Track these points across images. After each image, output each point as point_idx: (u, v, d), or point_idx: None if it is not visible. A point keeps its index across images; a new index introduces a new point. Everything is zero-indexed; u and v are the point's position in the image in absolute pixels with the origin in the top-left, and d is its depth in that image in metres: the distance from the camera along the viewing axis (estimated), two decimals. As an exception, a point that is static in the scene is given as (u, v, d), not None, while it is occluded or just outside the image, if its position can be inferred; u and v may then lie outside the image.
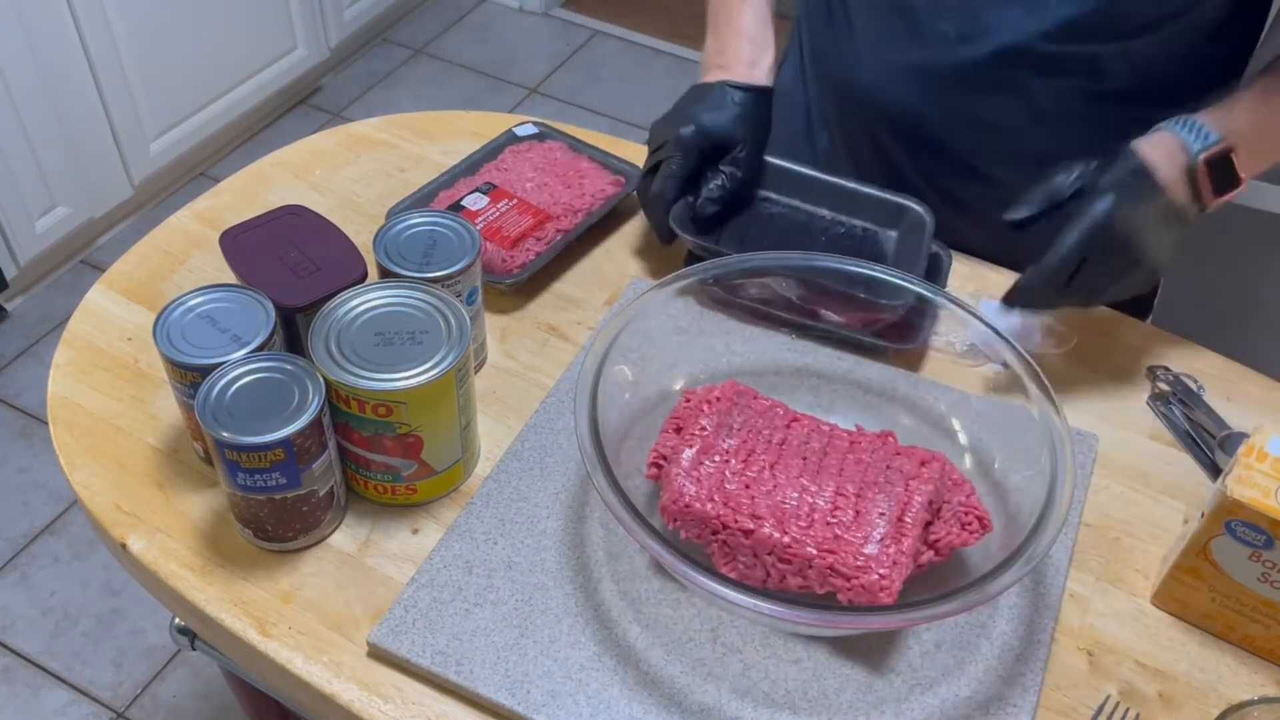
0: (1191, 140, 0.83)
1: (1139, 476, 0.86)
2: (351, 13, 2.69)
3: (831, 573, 0.70)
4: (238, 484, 0.73)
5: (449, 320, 0.77)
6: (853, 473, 0.75)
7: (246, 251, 0.82)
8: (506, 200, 0.99)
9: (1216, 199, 0.84)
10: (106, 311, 0.96)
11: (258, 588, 0.77)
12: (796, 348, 0.90)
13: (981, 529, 0.74)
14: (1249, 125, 0.84)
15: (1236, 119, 0.84)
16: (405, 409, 0.74)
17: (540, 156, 1.06)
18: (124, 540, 0.79)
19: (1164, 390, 0.92)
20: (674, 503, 0.73)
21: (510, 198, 1.00)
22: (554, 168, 1.05)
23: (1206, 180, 0.83)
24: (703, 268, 0.84)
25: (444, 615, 0.74)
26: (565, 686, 0.71)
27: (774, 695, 0.71)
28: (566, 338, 0.95)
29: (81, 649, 1.71)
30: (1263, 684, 0.75)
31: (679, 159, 0.95)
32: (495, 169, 1.05)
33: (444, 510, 0.82)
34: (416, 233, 0.85)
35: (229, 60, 2.38)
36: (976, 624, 0.75)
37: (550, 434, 0.85)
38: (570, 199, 1.01)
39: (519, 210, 0.99)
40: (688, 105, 0.98)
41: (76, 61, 2.04)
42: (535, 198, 1.01)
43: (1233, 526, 0.71)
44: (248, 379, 0.73)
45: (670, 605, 0.76)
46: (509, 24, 2.98)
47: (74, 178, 2.12)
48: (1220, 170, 0.83)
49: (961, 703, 0.71)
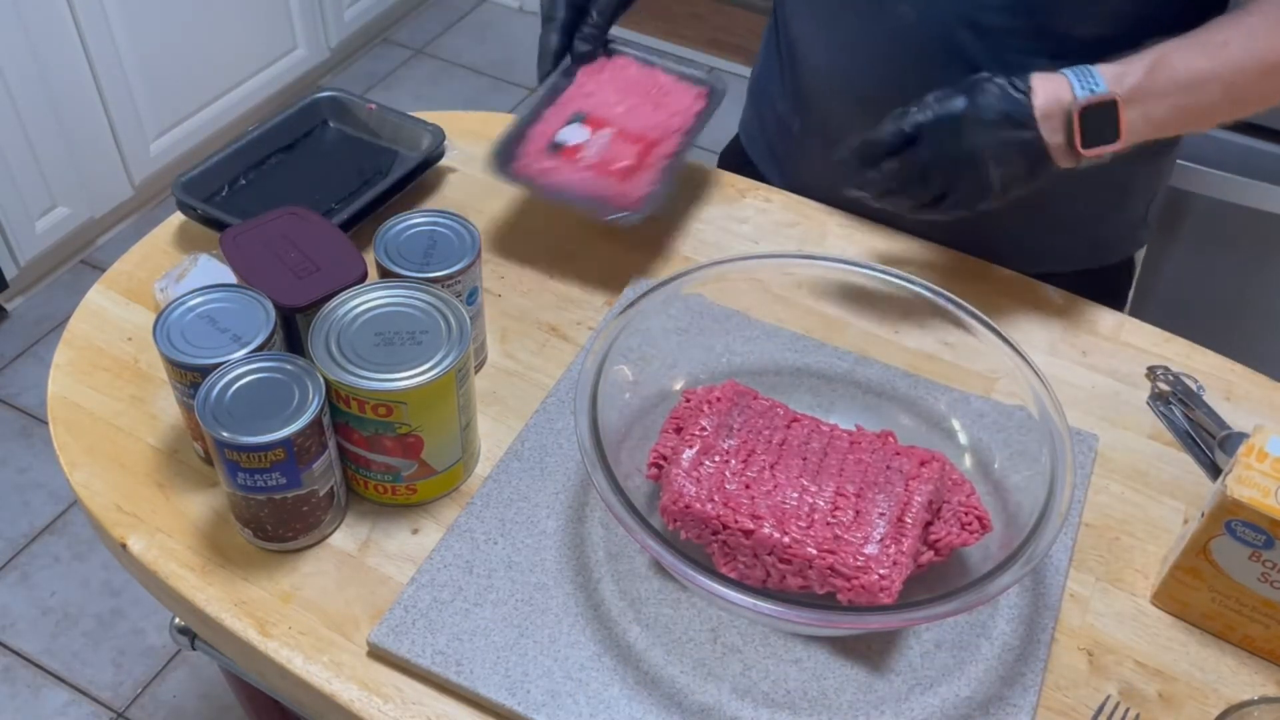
0: (1078, 85, 0.83)
1: (1139, 476, 0.86)
2: (351, 13, 2.69)
3: (832, 573, 0.70)
4: (238, 484, 0.73)
5: (449, 320, 0.77)
6: (853, 473, 0.75)
7: (247, 251, 0.82)
8: (606, 129, 0.95)
9: (1088, 150, 0.84)
10: (106, 311, 0.96)
11: (258, 588, 0.77)
12: (796, 348, 0.90)
13: (981, 529, 0.74)
14: (1144, 83, 0.84)
15: (1133, 74, 0.84)
16: (405, 409, 0.74)
17: (617, 76, 1.03)
18: (124, 540, 0.79)
19: (1164, 390, 0.92)
20: (674, 503, 0.73)
21: (607, 125, 0.96)
22: (635, 87, 1.01)
23: (1078, 127, 0.83)
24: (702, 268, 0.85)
25: (444, 615, 0.74)
26: (565, 686, 0.71)
27: (774, 695, 0.71)
28: (567, 338, 0.95)
29: (81, 649, 1.71)
30: (1263, 684, 0.75)
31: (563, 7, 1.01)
32: (578, 95, 1.01)
33: (444, 510, 0.82)
34: (416, 232, 0.85)
35: (229, 60, 2.38)
36: (976, 624, 0.75)
37: (550, 434, 0.85)
38: (663, 119, 0.98)
39: (622, 139, 0.94)
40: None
41: (76, 61, 2.04)
42: (631, 123, 0.96)
43: (1233, 526, 0.71)
44: (248, 379, 0.73)
45: (670, 605, 0.76)
46: (509, 24, 2.98)
47: (74, 178, 2.12)
48: (1096, 120, 0.83)
49: (962, 702, 0.71)
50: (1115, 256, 1.12)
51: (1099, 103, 0.83)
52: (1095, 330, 0.97)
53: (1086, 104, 0.83)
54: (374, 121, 1.10)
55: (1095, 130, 0.83)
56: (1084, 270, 1.06)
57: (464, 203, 1.07)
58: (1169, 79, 0.84)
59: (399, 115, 1.10)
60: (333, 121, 1.12)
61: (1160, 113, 0.85)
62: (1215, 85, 0.84)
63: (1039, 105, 0.84)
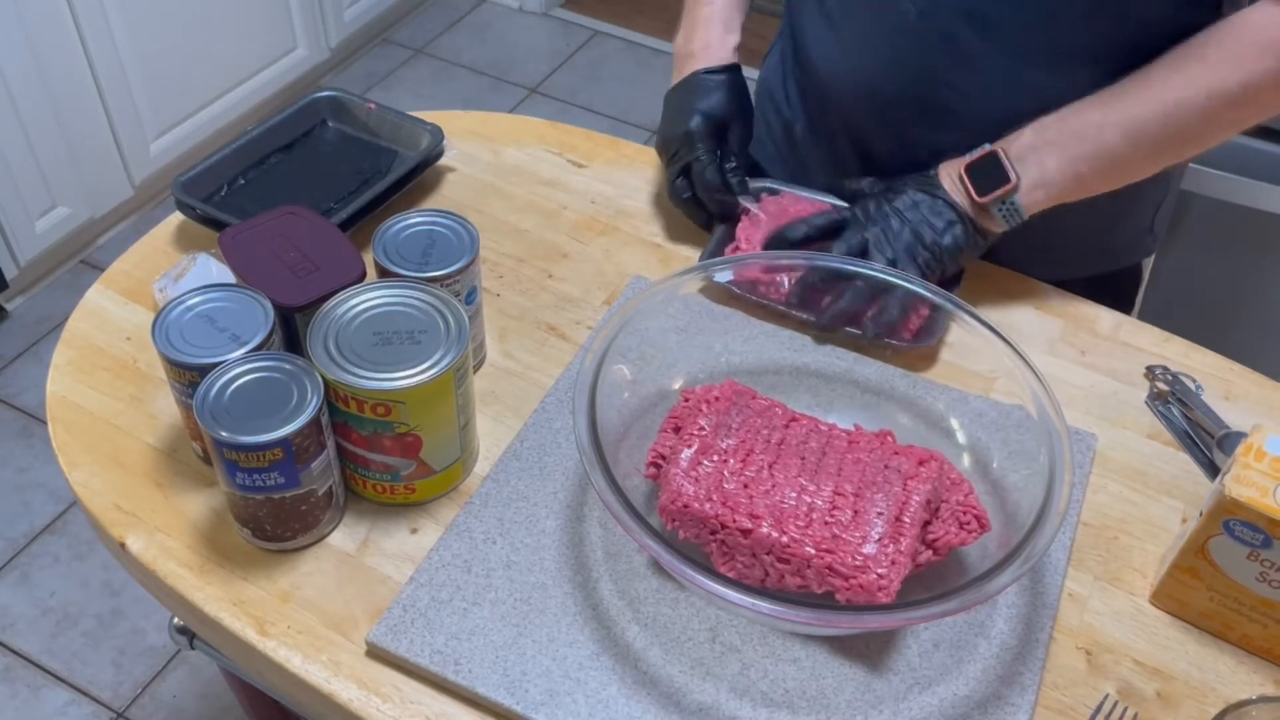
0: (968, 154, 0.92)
1: (1137, 476, 0.86)
2: (351, 13, 2.69)
3: (830, 572, 0.70)
4: (236, 484, 0.73)
5: (448, 320, 0.77)
6: (851, 472, 0.75)
7: (245, 251, 0.83)
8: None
9: (983, 197, 0.91)
10: (106, 311, 0.96)
11: (256, 587, 0.77)
12: (795, 347, 0.90)
13: (980, 528, 0.74)
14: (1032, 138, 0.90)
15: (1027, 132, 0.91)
16: (404, 409, 0.74)
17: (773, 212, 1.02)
18: (123, 540, 0.79)
19: (1162, 389, 0.92)
20: (672, 502, 0.73)
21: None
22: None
23: (967, 181, 0.91)
24: (702, 267, 0.85)
25: (442, 614, 0.74)
26: (564, 685, 0.71)
27: (772, 694, 0.71)
28: (565, 337, 0.95)
29: (81, 649, 1.71)
30: (1261, 683, 0.75)
31: (702, 148, 1.00)
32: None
33: (443, 510, 0.82)
34: (415, 232, 0.85)
35: (229, 60, 2.38)
36: (975, 623, 0.75)
37: (549, 433, 0.85)
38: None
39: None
40: (681, 104, 1.03)
41: (76, 61, 2.04)
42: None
43: (1231, 526, 0.71)
44: (246, 379, 0.73)
45: (669, 604, 0.76)
46: (509, 24, 2.98)
47: (74, 178, 2.12)
48: (981, 171, 0.91)
49: (960, 702, 0.71)
50: (1121, 265, 1.12)
51: (981, 156, 0.91)
52: (1094, 330, 0.97)
53: (969, 161, 0.92)
54: (373, 121, 1.11)
55: (983, 179, 0.91)
56: (1090, 278, 1.06)
57: (463, 202, 1.07)
58: (1060, 129, 0.90)
59: (398, 115, 1.10)
60: (332, 121, 1.12)
61: (1056, 162, 0.90)
62: (1112, 131, 0.88)
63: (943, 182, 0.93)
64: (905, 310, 0.89)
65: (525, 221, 1.05)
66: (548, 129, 1.16)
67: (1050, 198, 0.91)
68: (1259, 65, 0.84)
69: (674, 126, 1.02)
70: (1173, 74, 0.86)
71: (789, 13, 1.10)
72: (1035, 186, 0.90)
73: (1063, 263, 1.04)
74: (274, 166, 1.07)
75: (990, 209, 0.91)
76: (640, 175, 1.11)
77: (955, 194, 0.93)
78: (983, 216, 0.92)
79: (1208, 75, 0.85)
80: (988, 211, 0.91)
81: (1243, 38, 0.84)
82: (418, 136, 1.08)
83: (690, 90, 1.03)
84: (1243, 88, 0.85)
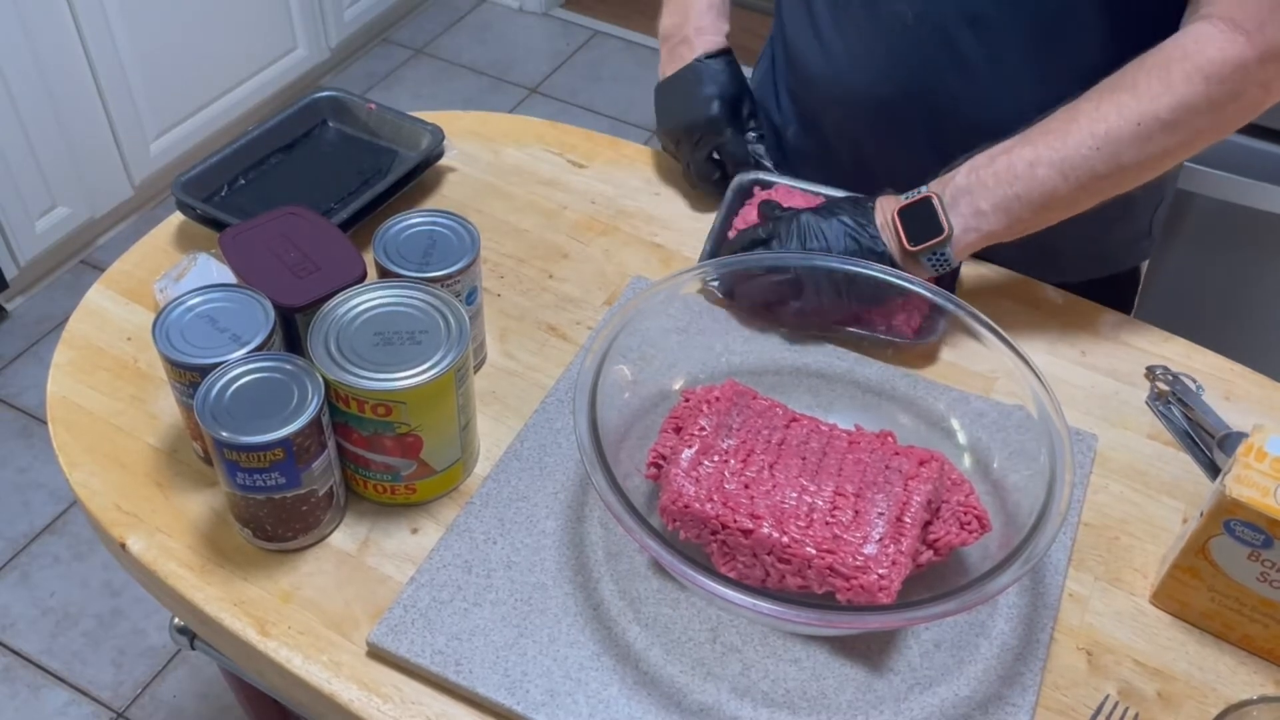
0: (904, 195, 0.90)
1: (1138, 476, 0.86)
2: (351, 13, 2.69)
3: (830, 573, 0.70)
4: (237, 484, 0.73)
5: (448, 320, 0.77)
6: (852, 473, 0.75)
7: (246, 251, 0.82)
8: None
9: (914, 246, 0.89)
10: (106, 311, 0.96)
11: (257, 587, 0.77)
12: (795, 347, 0.90)
13: (980, 529, 0.74)
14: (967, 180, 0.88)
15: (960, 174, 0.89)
16: (404, 409, 0.74)
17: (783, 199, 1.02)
18: (123, 540, 0.79)
19: (1163, 390, 0.92)
20: (673, 503, 0.73)
21: None
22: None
23: (899, 227, 0.89)
24: (701, 267, 0.85)
25: (443, 615, 0.74)
26: (564, 686, 0.71)
27: (773, 695, 0.71)
28: (566, 337, 0.95)
29: (81, 649, 1.71)
30: (1262, 683, 0.75)
31: (730, 130, 1.04)
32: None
33: (443, 510, 0.82)
34: (416, 232, 0.85)
35: (229, 60, 2.38)
36: (976, 623, 0.75)
37: (550, 434, 0.85)
38: None
39: None
40: (691, 92, 1.04)
41: (76, 61, 2.04)
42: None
43: (1232, 526, 0.71)
44: (247, 379, 0.73)
45: (669, 605, 0.76)
46: (509, 24, 2.98)
47: (74, 178, 2.12)
48: (915, 218, 0.89)
49: (961, 702, 0.71)
50: (1119, 268, 1.12)
51: (915, 201, 0.89)
52: (1094, 330, 0.97)
53: (902, 205, 0.89)
54: (373, 121, 1.11)
55: (916, 227, 0.89)
56: (1088, 281, 1.06)
57: (463, 202, 1.07)
58: (994, 171, 0.87)
59: (398, 115, 1.10)
60: (332, 121, 1.12)
61: (990, 202, 0.87)
62: (1044, 169, 0.85)
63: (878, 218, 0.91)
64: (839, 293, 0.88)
65: (525, 222, 1.05)
66: (548, 129, 1.16)
67: (982, 239, 0.89)
68: (1188, 89, 0.82)
69: (691, 113, 1.04)
70: (1102, 104, 0.84)
71: (779, 15, 1.10)
72: (967, 230, 0.88)
73: (1060, 268, 1.04)
74: (274, 167, 1.07)
75: (919, 257, 0.89)
76: (640, 175, 1.11)
77: (885, 233, 0.90)
78: (909, 262, 0.90)
79: (1137, 103, 0.83)
80: (916, 260, 0.89)
81: (1170, 62, 0.83)
82: (418, 137, 1.08)
83: (697, 76, 1.04)
84: (1173, 111, 0.82)
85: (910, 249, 0.89)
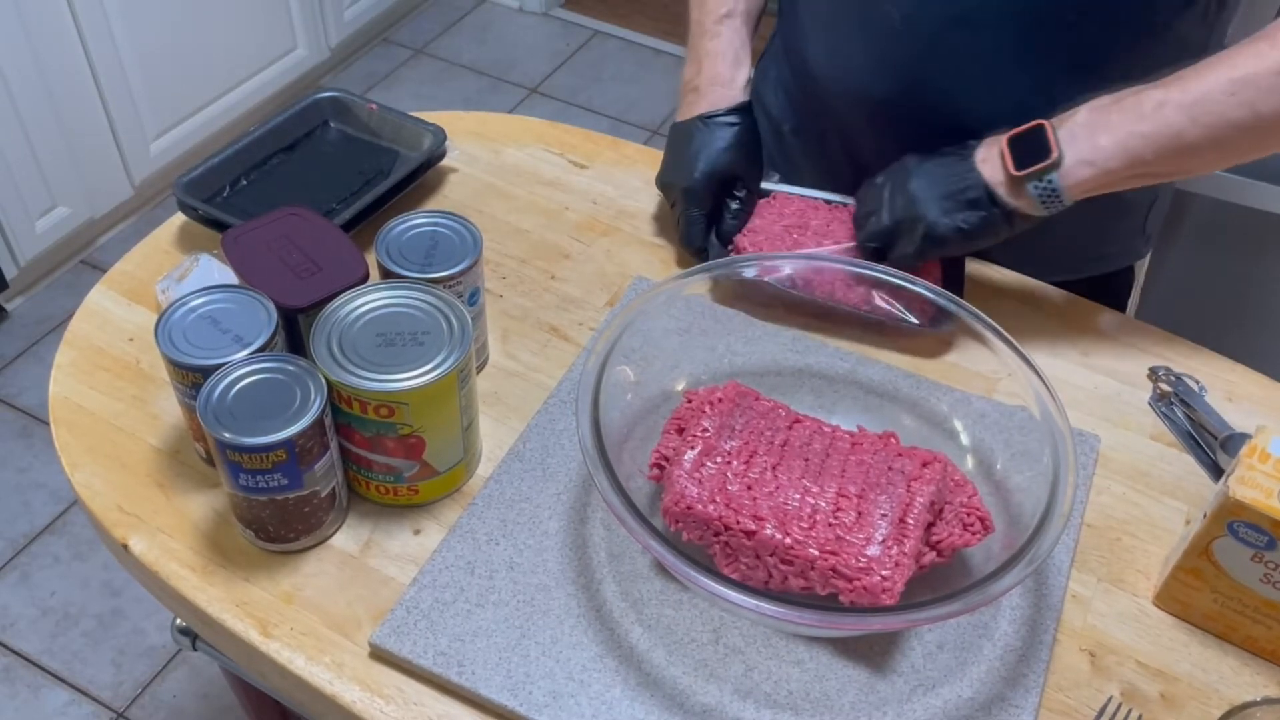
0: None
1: (1141, 477, 0.86)
2: (351, 13, 2.69)
3: (834, 574, 0.70)
4: (239, 485, 0.73)
5: (451, 321, 0.76)
6: (855, 474, 0.75)
7: (248, 252, 0.82)
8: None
9: (1020, 170, 0.85)
10: (108, 312, 0.96)
11: (259, 588, 0.77)
12: (798, 348, 0.90)
13: (983, 530, 0.74)
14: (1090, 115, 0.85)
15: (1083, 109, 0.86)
16: (407, 410, 0.74)
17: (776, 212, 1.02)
18: (125, 541, 0.79)
19: (1166, 391, 0.92)
20: (676, 504, 0.73)
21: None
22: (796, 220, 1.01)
23: (1007, 153, 0.86)
24: (704, 267, 0.85)
25: (446, 616, 0.74)
26: (567, 687, 0.71)
27: (776, 696, 0.71)
28: (568, 338, 0.95)
29: (81, 649, 1.71)
30: (1265, 685, 0.75)
31: (695, 209, 0.99)
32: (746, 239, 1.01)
33: (446, 511, 0.82)
34: (418, 233, 0.85)
35: (229, 60, 2.38)
36: (979, 625, 0.75)
37: (552, 435, 0.85)
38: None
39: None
40: (681, 152, 1.00)
41: (76, 61, 2.04)
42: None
43: (1235, 527, 0.71)
44: (249, 380, 0.73)
45: (672, 606, 0.76)
46: (509, 24, 2.98)
47: (74, 178, 2.12)
48: (1025, 144, 0.86)
49: (964, 703, 0.71)
50: (1114, 268, 1.12)
51: (1027, 129, 0.86)
52: (1097, 331, 0.97)
53: (1014, 133, 0.87)
54: (375, 122, 1.10)
55: (1025, 152, 0.86)
56: (1082, 280, 1.06)
57: (465, 203, 1.07)
58: (1119, 108, 0.84)
59: (400, 115, 1.10)
60: (334, 122, 1.12)
61: (1111, 138, 0.83)
62: (1173, 109, 0.82)
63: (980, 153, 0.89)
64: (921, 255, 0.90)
65: (527, 222, 1.05)
66: (548, 129, 1.16)
67: (1099, 176, 0.84)
68: None
69: (677, 174, 0.99)
70: (1239, 53, 0.81)
71: (780, 13, 1.10)
72: (1082, 163, 0.84)
73: (1055, 267, 1.04)
74: (276, 167, 1.07)
75: (1025, 186, 0.85)
76: (641, 176, 1.11)
77: (986, 166, 0.87)
78: (1016, 194, 0.86)
79: (1276, 51, 0.80)
80: (1021, 188, 0.85)
81: None
82: (420, 137, 1.08)
83: (695, 135, 0.99)
84: None
85: (1016, 173, 0.85)
